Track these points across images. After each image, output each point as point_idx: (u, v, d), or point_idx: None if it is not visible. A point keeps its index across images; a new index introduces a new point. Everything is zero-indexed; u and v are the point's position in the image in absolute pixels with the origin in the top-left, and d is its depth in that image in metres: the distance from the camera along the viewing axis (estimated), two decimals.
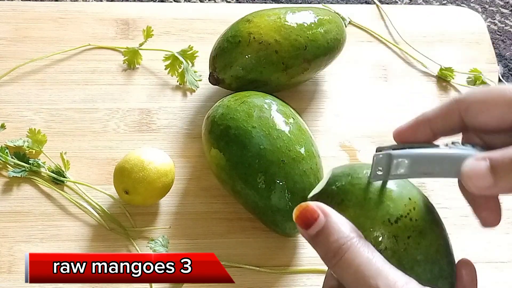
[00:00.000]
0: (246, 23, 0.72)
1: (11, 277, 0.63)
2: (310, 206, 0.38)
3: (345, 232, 0.37)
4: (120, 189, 0.65)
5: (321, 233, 0.37)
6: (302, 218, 0.38)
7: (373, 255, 0.36)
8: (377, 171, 0.38)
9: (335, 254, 0.36)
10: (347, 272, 0.36)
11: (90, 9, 0.84)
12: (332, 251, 0.36)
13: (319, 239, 0.37)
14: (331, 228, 0.37)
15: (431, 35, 0.86)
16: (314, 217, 0.37)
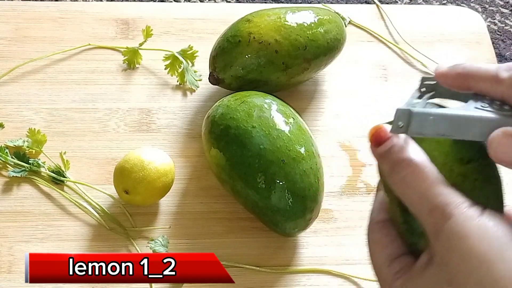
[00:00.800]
0: (246, 23, 0.72)
1: (11, 277, 0.63)
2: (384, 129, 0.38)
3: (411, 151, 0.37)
4: (120, 189, 0.65)
5: (391, 150, 0.38)
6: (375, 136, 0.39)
7: (436, 176, 0.36)
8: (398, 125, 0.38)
9: (404, 168, 0.37)
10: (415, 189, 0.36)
11: (90, 9, 0.84)
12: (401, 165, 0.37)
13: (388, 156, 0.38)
14: (401, 147, 0.38)
15: (431, 35, 0.86)
16: (386, 137, 0.38)
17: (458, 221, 0.35)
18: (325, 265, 0.67)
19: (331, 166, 0.73)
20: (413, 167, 0.37)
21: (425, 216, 0.36)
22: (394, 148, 0.38)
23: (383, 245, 0.40)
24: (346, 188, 0.72)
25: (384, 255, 0.40)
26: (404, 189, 0.37)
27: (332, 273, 0.66)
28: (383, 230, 0.41)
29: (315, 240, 0.68)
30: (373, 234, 0.41)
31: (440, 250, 0.36)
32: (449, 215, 0.35)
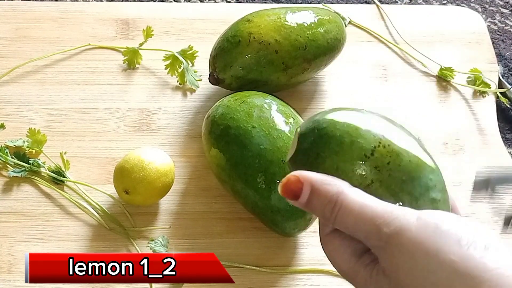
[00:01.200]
0: (246, 23, 0.72)
1: (11, 277, 0.63)
2: (291, 178, 0.39)
3: (333, 189, 0.38)
4: (120, 189, 0.65)
5: (312, 199, 0.38)
6: (288, 192, 0.39)
7: (364, 199, 0.38)
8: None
9: (331, 212, 0.38)
10: (348, 223, 0.38)
11: (90, 9, 0.84)
12: (328, 211, 0.38)
13: (312, 204, 0.39)
14: (319, 190, 0.38)
15: (431, 35, 0.86)
16: (299, 187, 0.39)
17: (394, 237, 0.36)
18: (325, 265, 0.67)
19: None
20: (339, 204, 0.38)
21: (365, 241, 0.38)
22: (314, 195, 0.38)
23: (343, 248, 0.40)
24: None
25: (347, 256, 0.40)
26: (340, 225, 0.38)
27: (332, 273, 0.66)
28: (337, 237, 0.41)
29: (315, 240, 0.68)
30: (328, 244, 0.41)
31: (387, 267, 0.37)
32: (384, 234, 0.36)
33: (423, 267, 0.35)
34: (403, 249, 0.36)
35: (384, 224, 0.36)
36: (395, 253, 0.36)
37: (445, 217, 0.37)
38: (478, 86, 0.81)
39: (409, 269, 0.35)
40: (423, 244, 0.35)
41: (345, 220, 0.38)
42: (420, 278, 0.35)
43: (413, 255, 0.35)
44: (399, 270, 0.36)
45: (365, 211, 0.37)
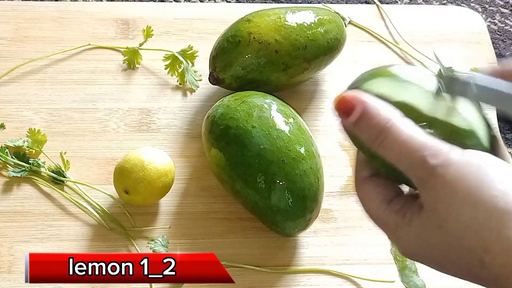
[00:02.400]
0: (246, 23, 0.72)
1: (11, 277, 0.63)
2: (346, 96, 0.39)
3: (384, 113, 0.38)
4: (120, 189, 0.65)
5: (362, 119, 0.38)
6: (341, 108, 0.39)
7: (414, 130, 0.37)
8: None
9: (378, 135, 0.37)
10: (393, 150, 0.37)
11: (90, 9, 0.84)
12: (375, 133, 0.38)
13: (361, 125, 0.38)
14: (371, 113, 0.38)
15: (431, 35, 0.86)
16: (352, 106, 0.38)
17: (438, 170, 0.36)
18: (325, 265, 0.67)
19: (331, 166, 0.73)
20: (388, 129, 0.37)
21: (409, 171, 0.37)
22: (365, 116, 0.38)
23: (375, 194, 0.40)
24: (346, 188, 0.72)
25: (378, 202, 0.40)
26: (384, 151, 0.38)
27: (332, 273, 0.66)
28: (370, 183, 0.41)
29: (315, 240, 0.68)
30: (361, 189, 0.41)
31: (427, 199, 0.37)
32: (429, 165, 0.36)
33: (464, 201, 0.35)
34: (446, 182, 0.35)
35: (430, 155, 0.36)
36: (438, 186, 0.36)
37: (490, 158, 0.37)
38: None
39: (450, 202, 0.35)
40: (467, 178, 0.35)
41: (391, 146, 0.37)
42: (459, 211, 0.35)
43: (455, 188, 0.35)
44: (439, 202, 0.36)
45: (413, 141, 0.37)
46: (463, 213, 0.35)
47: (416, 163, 0.36)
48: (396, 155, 0.37)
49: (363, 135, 0.38)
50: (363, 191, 0.41)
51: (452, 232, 0.36)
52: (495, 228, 0.34)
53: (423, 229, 0.37)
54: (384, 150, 0.38)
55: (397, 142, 0.37)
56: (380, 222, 0.40)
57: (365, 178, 0.41)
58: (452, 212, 0.35)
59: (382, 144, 0.38)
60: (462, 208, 0.35)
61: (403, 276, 0.66)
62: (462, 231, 0.35)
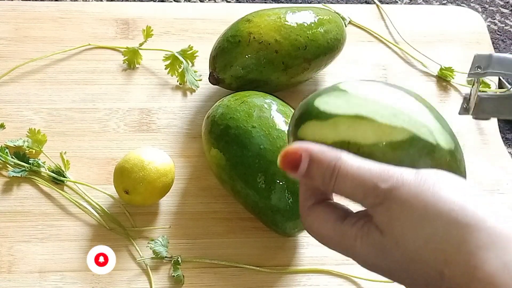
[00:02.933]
0: (246, 23, 0.72)
1: (11, 277, 0.63)
2: (289, 150, 0.39)
3: (331, 155, 0.38)
4: (120, 189, 0.65)
5: (311, 167, 0.39)
6: (287, 164, 0.39)
7: (361, 163, 0.38)
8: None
9: (330, 178, 0.38)
10: (347, 186, 0.38)
11: (90, 9, 0.84)
12: (327, 177, 0.38)
13: (312, 173, 0.39)
14: (318, 158, 0.38)
15: (431, 35, 0.86)
16: (298, 158, 0.39)
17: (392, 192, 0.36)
18: (325, 265, 0.67)
19: None
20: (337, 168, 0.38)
21: (363, 202, 0.38)
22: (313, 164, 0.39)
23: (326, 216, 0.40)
24: None
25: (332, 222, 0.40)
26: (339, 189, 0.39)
27: (332, 273, 0.66)
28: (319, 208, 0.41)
29: (315, 240, 0.68)
30: (310, 216, 0.41)
31: (382, 222, 0.37)
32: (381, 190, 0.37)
33: (420, 217, 0.35)
34: (400, 202, 0.36)
35: (381, 181, 0.37)
36: (392, 206, 0.36)
37: (444, 175, 0.37)
38: None
39: (405, 220, 0.36)
40: (421, 195, 0.36)
41: (344, 183, 0.38)
42: (416, 228, 0.35)
43: (410, 206, 0.36)
44: (394, 222, 0.36)
45: (363, 172, 0.37)
46: (422, 229, 0.35)
47: (369, 191, 0.37)
48: (350, 190, 0.38)
49: (316, 182, 0.39)
50: (312, 216, 0.41)
51: (410, 248, 0.36)
52: (455, 240, 0.34)
53: (381, 243, 0.37)
54: (338, 189, 0.38)
55: (347, 178, 0.38)
56: (335, 241, 0.40)
57: (312, 206, 0.41)
58: (410, 230, 0.36)
59: (336, 185, 0.38)
60: (420, 225, 0.35)
61: None
62: (421, 246, 0.35)
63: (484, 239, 0.34)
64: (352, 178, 0.37)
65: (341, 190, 0.38)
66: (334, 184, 0.38)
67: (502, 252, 0.33)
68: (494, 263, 0.33)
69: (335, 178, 0.38)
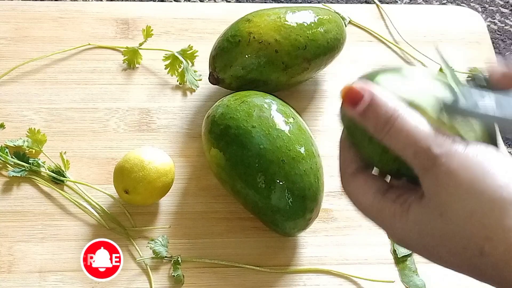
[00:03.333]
0: (246, 22, 0.72)
1: (11, 277, 0.63)
2: (354, 86, 0.39)
3: (392, 104, 0.38)
4: (120, 188, 0.65)
5: (369, 109, 0.39)
6: (348, 98, 0.39)
7: (420, 121, 0.38)
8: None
9: (385, 124, 0.38)
10: (399, 139, 0.38)
11: (90, 8, 0.84)
12: (381, 122, 0.38)
13: (368, 114, 0.39)
14: (378, 102, 0.39)
15: (431, 35, 0.86)
16: (360, 96, 0.39)
17: (443, 159, 0.36)
18: (325, 265, 0.67)
19: (331, 166, 0.72)
20: (394, 118, 0.38)
21: (413, 160, 0.38)
22: (373, 105, 0.39)
23: (367, 187, 0.41)
24: None
25: (372, 193, 0.40)
26: (390, 140, 0.38)
27: (332, 273, 0.66)
28: (360, 177, 0.41)
29: (315, 240, 0.68)
30: (351, 184, 0.42)
31: (429, 187, 0.37)
32: (433, 154, 0.37)
33: (468, 190, 0.36)
34: (450, 171, 0.36)
35: (435, 145, 0.37)
36: (441, 174, 0.36)
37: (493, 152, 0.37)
38: None
39: (453, 191, 0.36)
40: (471, 168, 0.36)
41: (397, 135, 0.38)
42: (463, 200, 0.36)
43: (459, 177, 0.36)
44: (442, 190, 0.36)
45: (418, 130, 0.37)
46: (467, 201, 0.36)
47: (421, 152, 0.37)
48: (402, 144, 0.38)
49: (370, 124, 0.39)
50: (353, 186, 0.41)
51: (454, 220, 0.36)
52: (498, 217, 0.35)
53: (423, 216, 0.37)
54: (390, 139, 0.38)
55: (403, 131, 0.38)
56: (373, 214, 0.40)
57: (354, 173, 0.42)
58: (455, 200, 0.36)
59: (388, 133, 0.38)
60: (466, 197, 0.36)
61: (403, 276, 0.66)
62: (464, 219, 0.36)
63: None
64: (407, 134, 0.37)
65: (393, 143, 0.38)
66: (386, 133, 0.38)
67: None
68: None
69: (389, 127, 0.38)
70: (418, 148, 0.37)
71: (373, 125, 0.39)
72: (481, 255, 0.35)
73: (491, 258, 0.35)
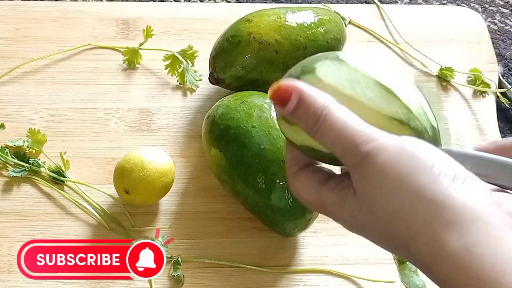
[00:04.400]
0: (246, 22, 0.72)
1: (11, 276, 0.63)
2: (281, 85, 0.39)
3: (320, 101, 0.38)
4: (120, 188, 0.65)
5: (298, 108, 0.38)
6: (277, 98, 0.39)
7: (349, 117, 0.38)
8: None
9: (315, 123, 0.38)
10: (329, 138, 0.38)
11: (90, 8, 0.84)
12: (311, 121, 0.38)
13: (298, 113, 0.39)
14: (307, 101, 0.38)
15: (431, 35, 0.86)
16: (288, 95, 0.39)
17: (370, 156, 0.36)
18: (325, 265, 0.67)
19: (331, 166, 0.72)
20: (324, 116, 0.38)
21: (341, 158, 0.38)
22: (301, 104, 0.38)
23: (308, 181, 0.41)
24: None
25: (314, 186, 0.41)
26: (321, 138, 0.38)
27: (332, 273, 0.66)
28: (302, 174, 0.42)
29: (315, 240, 0.68)
30: (295, 182, 0.42)
31: (358, 185, 0.37)
32: (360, 152, 0.36)
33: (392, 188, 0.35)
34: (376, 169, 0.36)
35: (362, 143, 0.36)
36: (368, 172, 0.36)
37: (423, 145, 0.37)
38: (478, 86, 0.81)
39: (380, 187, 0.36)
40: (396, 166, 0.35)
41: (327, 134, 0.38)
42: (389, 197, 0.35)
43: (386, 174, 0.36)
44: (369, 187, 0.36)
45: (346, 128, 0.37)
46: (392, 199, 0.35)
47: (349, 149, 0.37)
48: (331, 142, 0.38)
49: (300, 123, 0.39)
50: (297, 182, 0.42)
51: (381, 217, 0.36)
52: (421, 218, 0.34)
53: (356, 211, 0.38)
54: (320, 137, 0.38)
55: (332, 129, 0.37)
56: (318, 205, 0.41)
57: (297, 172, 0.42)
58: (382, 197, 0.36)
59: (318, 131, 0.38)
60: (391, 194, 0.35)
61: (403, 276, 0.66)
62: (390, 217, 0.36)
63: (449, 217, 0.33)
64: (336, 131, 0.37)
65: (323, 141, 0.38)
66: (316, 131, 0.38)
67: (465, 232, 0.33)
68: (456, 244, 0.33)
69: (318, 125, 0.38)
70: (345, 145, 0.37)
71: (304, 124, 0.39)
72: (408, 253, 0.35)
73: (417, 256, 0.35)
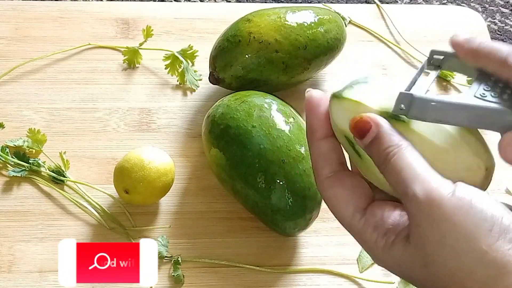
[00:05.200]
0: (246, 22, 0.72)
1: (11, 276, 0.63)
2: (364, 117, 0.40)
3: (394, 140, 0.39)
4: (120, 188, 0.65)
5: (374, 142, 0.39)
6: (357, 129, 0.40)
7: (415, 160, 0.38)
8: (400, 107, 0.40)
9: (384, 160, 0.39)
10: (392, 176, 0.39)
11: (90, 8, 0.84)
12: (382, 157, 0.39)
13: (373, 147, 0.40)
14: (382, 137, 0.39)
15: (431, 35, 0.86)
16: (367, 128, 0.40)
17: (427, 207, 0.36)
18: (325, 264, 0.67)
19: None
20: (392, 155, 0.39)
21: (401, 199, 0.38)
22: (377, 140, 0.39)
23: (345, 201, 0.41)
24: None
25: (350, 211, 0.41)
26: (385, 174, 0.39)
27: (332, 273, 0.66)
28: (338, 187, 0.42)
29: (315, 239, 0.68)
30: (328, 190, 0.42)
31: (415, 236, 0.37)
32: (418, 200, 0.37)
33: (451, 247, 0.36)
34: (434, 223, 0.36)
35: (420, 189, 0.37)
36: (425, 224, 0.36)
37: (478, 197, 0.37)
38: None
39: (437, 243, 0.36)
40: (455, 224, 0.36)
41: (391, 172, 0.39)
42: (447, 255, 0.36)
43: (443, 232, 0.36)
44: (426, 241, 0.36)
45: (409, 171, 0.38)
46: (450, 259, 0.36)
47: (406, 194, 0.37)
48: (394, 181, 0.39)
49: (374, 157, 0.40)
50: (331, 192, 0.42)
51: (436, 274, 0.36)
52: (481, 281, 0.35)
53: (406, 261, 0.38)
54: (387, 174, 0.39)
55: (396, 168, 0.38)
56: (354, 232, 0.41)
57: (330, 176, 0.42)
58: (440, 254, 0.36)
59: (386, 169, 0.39)
60: (450, 252, 0.36)
61: None
62: (446, 276, 0.36)
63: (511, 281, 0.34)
64: (398, 172, 0.38)
65: (388, 178, 0.39)
66: (384, 169, 0.39)
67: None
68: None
69: (387, 163, 0.39)
70: (404, 190, 0.37)
71: (376, 158, 0.40)
72: None
73: None
